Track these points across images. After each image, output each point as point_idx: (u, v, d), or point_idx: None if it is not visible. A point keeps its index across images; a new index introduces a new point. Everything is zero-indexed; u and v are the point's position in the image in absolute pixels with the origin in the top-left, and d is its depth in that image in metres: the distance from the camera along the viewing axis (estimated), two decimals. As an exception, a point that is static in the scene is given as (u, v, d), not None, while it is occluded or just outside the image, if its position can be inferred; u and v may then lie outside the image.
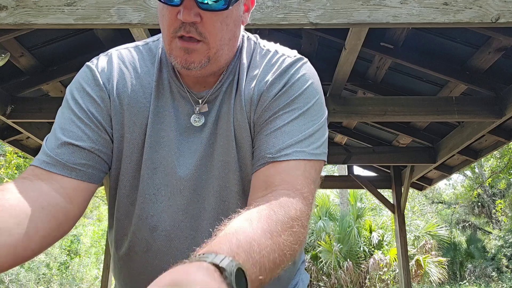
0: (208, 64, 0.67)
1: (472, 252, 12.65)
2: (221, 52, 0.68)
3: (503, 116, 2.79)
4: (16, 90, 2.92)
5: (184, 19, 0.62)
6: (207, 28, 0.64)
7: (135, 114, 0.71)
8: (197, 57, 0.66)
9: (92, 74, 0.73)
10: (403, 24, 1.67)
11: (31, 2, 1.69)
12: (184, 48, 0.65)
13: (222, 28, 0.65)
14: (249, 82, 0.71)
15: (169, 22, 0.65)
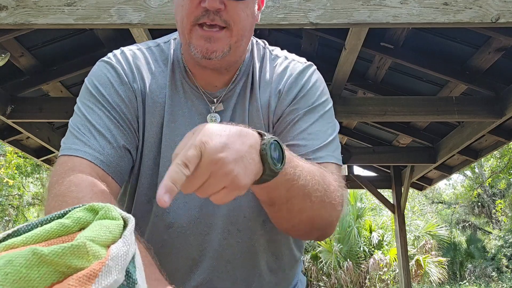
0: (229, 53, 0.67)
1: (472, 252, 12.66)
2: (241, 42, 0.68)
3: (503, 116, 2.79)
4: (16, 90, 2.92)
5: (209, 6, 0.62)
6: (231, 16, 0.64)
7: (152, 114, 0.71)
8: (220, 46, 0.65)
9: (116, 72, 0.71)
10: (403, 24, 1.67)
11: (31, 2, 1.69)
12: (206, 36, 0.64)
13: (244, 17, 0.66)
14: (264, 87, 0.73)
15: (190, 10, 0.64)
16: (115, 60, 0.72)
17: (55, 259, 0.28)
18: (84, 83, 0.72)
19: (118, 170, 0.66)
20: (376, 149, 4.35)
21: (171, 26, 1.68)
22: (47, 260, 0.28)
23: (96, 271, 0.28)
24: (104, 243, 0.31)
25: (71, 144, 0.64)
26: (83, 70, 2.96)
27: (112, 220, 0.33)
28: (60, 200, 0.55)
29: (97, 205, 0.35)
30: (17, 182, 8.95)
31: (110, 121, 0.67)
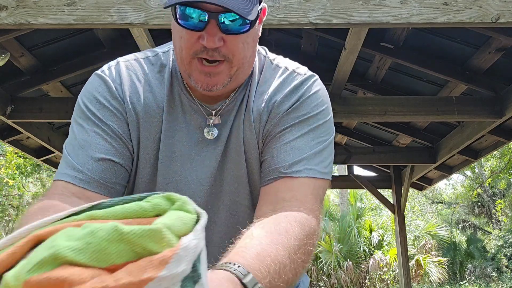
0: (230, 83, 0.67)
1: (472, 252, 12.65)
2: (242, 69, 0.68)
3: (503, 116, 2.79)
4: (16, 90, 2.92)
5: (208, 45, 0.62)
6: (230, 50, 0.64)
7: (148, 128, 0.70)
8: (220, 79, 0.65)
9: (107, 86, 0.71)
10: (403, 24, 1.67)
11: (31, 2, 1.69)
12: (206, 72, 0.65)
13: (244, 48, 0.66)
14: (258, 98, 0.72)
15: (189, 45, 0.64)
16: (109, 73, 0.72)
17: (134, 239, 0.29)
18: (77, 100, 0.72)
19: (102, 183, 0.66)
20: (376, 149, 4.35)
21: (170, 26, 1.68)
22: (126, 239, 0.29)
23: (167, 257, 0.29)
24: (177, 233, 0.32)
25: (58, 169, 0.68)
26: (83, 70, 2.96)
27: (186, 212, 0.35)
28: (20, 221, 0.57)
29: (174, 195, 0.37)
30: (17, 182, 8.95)
31: (97, 135, 0.67)
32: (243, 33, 0.64)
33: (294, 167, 0.65)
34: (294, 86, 0.71)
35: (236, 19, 0.62)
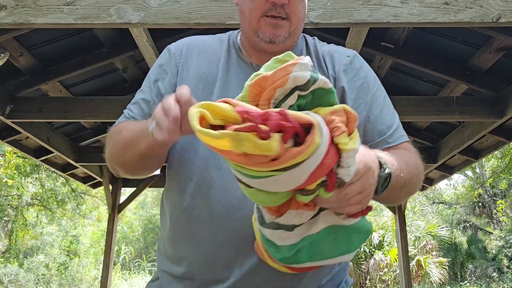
0: (288, 39, 0.83)
1: (473, 252, 12.64)
2: (298, 30, 0.85)
3: (504, 116, 2.78)
4: (15, 90, 2.91)
5: (278, 1, 0.78)
6: (292, 9, 0.81)
7: (203, 84, 0.84)
8: (282, 32, 0.81)
9: (169, 55, 0.89)
10: (403, 23, 1.66)
11: (31, 2, 1.68)
12: (274, 24, 0.80)
13: (300, 10, 0.83)
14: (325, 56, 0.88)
15: (259, 5, 0.80)
16: (175, 45, 0.91)
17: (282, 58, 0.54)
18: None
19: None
20: (377, 149, 4.34)
21: (170, 25, 1.67)
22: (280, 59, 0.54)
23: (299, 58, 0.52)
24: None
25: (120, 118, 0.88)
26: (82, 70, 2.95)
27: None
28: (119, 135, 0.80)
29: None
30: (16, 182, 8.94)
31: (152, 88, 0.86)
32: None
33: (395, 135, 0.82)
34: (353, 54, 0.89)
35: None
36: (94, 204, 12.27)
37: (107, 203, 4.89)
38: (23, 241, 12.89)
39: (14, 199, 10.07)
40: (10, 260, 12.11)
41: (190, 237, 0.77)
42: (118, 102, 3.05)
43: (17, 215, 10.75)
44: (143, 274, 12.77)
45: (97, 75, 3.29)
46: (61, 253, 13.26)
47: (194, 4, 1.66)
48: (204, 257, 0.75)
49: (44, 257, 12.78)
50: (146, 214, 16.69)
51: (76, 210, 11.36)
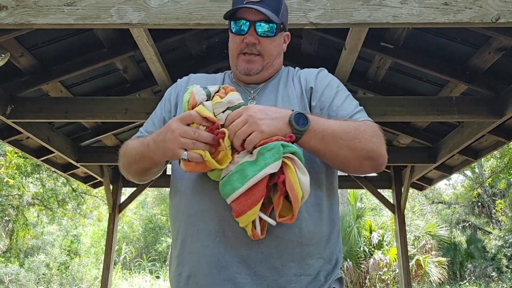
0: (262, 71, 1.03)
1: (472, 252, 12.64)
2: (271, 64, 1.04)
3: (503, 116, 2.79)
4: (16, 90, 2.91)
5: (248, 41, 0.99)
6: (263, 47, 1.01)
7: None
8: (255, 66, 1.01)
9: (175, 86, 1.14)
10: (403, 24, 1.67)
11: (31, 2, 1.69)
12: (247, 60, 1.01)
13: (272, 48, 1.02)
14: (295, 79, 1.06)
15: (237, 45, 1.01)
16: (180, 80, 1.16)
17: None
18: None
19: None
20: (376, 149, 4.34)
21: (170, 26, 1.68)
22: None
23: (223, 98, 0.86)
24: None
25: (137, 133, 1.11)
26: (83, 70, 2.96)
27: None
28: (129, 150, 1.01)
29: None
30: (17, 182, 8.94)
31: (160, 113, 1.10)
32: (270, 37, 1.00)
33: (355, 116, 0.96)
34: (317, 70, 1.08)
35: (266, 28, 0.99)
36: (95, 204, 12.28)
37: (108, 203, 4.89)
38: (23, 240, 12.89)
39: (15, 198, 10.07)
40: (11, 259, 12.12)
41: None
42: (119, 102, 3.05)
43: (18, 215, 10.75)
44: (143, 274, 12.78)
45: (98, 75, 3.29)
46: (62, 252, 13.26)
47: (194, 5, 1.66)
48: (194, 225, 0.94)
49: (45, 257, 12.78)
50: (146, 214, 16.69)
51: (76, 210, 11.36)
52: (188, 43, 3.37)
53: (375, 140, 0.88)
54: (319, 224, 0.90)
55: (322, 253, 0.90)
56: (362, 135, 0.86)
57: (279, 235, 0.85)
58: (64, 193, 9.98)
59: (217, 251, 0.86)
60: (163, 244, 15.19)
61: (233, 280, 0.84)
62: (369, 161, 0.88)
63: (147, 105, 3.06)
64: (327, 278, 0.90)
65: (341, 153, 0.86)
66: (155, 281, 12.29)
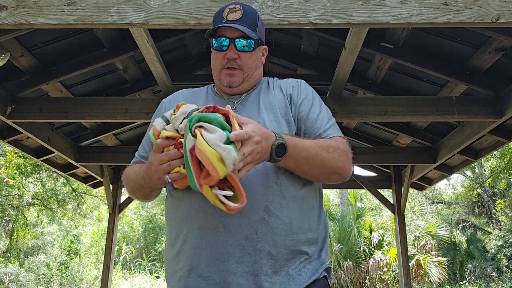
0: (243, 83, 1.12)
1: (472, 252, 12.64)
2: (251, 76, 1.13)
3: (503, 116, 2.79)
4: (16, 90, 2.91)
5: (229, 56, 1.09)
6: (243, 62, 1.10)
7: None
8: (236, 79, 1.11)
9: (161, 105, 1.23)
10: (403, 24, 1.67)
11: (31, 2, 1.69)
12: (229, 73, 1.10)
13: (251, 62, 1.12)
14: (276, 88, 1.17)
15: (220, 61, 1.11)
16: (166, 99, 1.23)
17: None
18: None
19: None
20: (376, 149, 4.35)
21: (170, 26, 1.68)
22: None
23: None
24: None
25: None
26: (83, 70, 2.96)
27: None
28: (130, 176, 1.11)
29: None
30: (17, 182, 8.94)
31: (149, 139, 1.15)
32: (249, 52, 1.10)
33: (327, 132, 1.08)
34: (295, 82, 1.18)
35: (245, 44, 1.08)
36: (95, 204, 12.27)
37: (108, 203, 4.89)
38: (23, 240, 12.89)
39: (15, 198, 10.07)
40: (11, 259, 12.12)
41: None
42: (119, 102, 3.05)
43: (18, 215, 10.75)
44: (143, 274, 12.77)
45: (98, 75, 3.29)
46: (62, 252, 13.26)
47: (194, 5, 1.66)
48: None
49: (45, 257, 12.78)
50: (146, 214, 16.69)
51: (76, 210, 11.36)
52: (188, 43, 3.37)
53: (342, 159, 1.02)
54: (307, 214, 1.01)
55: (311, 240, 1.00)
56: (332, 155, 0.99)
57: (274, 225, 0.95)
58: (64, 193, 9.98)
59: (218, 244, 0.92)
60: (163, 244, 15.19)
61: (234, 269, 0.91)
62: (336, 175, 1.03)
63: (147, 105, 3.06)
64: (318, 262, 1.01)
65: (312, 171, 0.99)
66: (155, 281, 12.29)
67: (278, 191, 0.97)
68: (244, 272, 0.91)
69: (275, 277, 0.92)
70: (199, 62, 3.60)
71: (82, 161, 4.16)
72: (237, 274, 0.90)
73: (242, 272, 0.91)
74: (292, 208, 0.98)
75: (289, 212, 0.97)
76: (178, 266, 0.97)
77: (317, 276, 0.98)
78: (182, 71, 3.55)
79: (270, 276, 0.91)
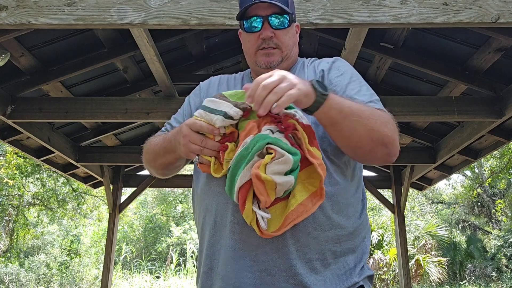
0: (282, 62, 1.04)
1: (471, 252, 12.65)
2: (289, 54, 1.06)
3: (503, 116, 2.79)
4: (16, 90, 2.92)
5: (265, 35, 1.01)
6: (280, 40, 1.03)
7: None
8: (275, 58, 1.03)
9: (199, 87, 1.16)
10: (403, 24, 1.67)
11: (31, 2, 1.69)
12: (266, 53, 1.02)
13: (287, 39, 1.04)
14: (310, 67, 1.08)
15: (254, 42, 1.03)
16: (203, 82, 1.17)
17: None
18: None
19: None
20: (376, 149, 4.34)
21: (170, 26, 1.68)
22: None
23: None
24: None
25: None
26: (83, 70, 2.96)
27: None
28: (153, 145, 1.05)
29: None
30: (17, 182, 8.95)
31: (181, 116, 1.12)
32: (285, 28, 1.02)
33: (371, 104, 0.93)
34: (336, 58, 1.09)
35: (279, 20, 1.01)
36: (95, 204, 12.27)
37: (108, 203, 4.90)
38: (24, 240, 12.90)
39: (15, 198, 10.07)
40: (11, 259, 12.12)
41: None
42: (119, 102, 3.05)
43: (18, 215, 10.75)
44: (143, 274, 12.78)
45: (98, 76, 3.29)
46: (62, 252, 13.27)
47: (194, 5, 1.67)
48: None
49: (45, 257, 12.78)
50: (146, 214, 16.69)
51: (77, 210, 11.37)
52: (188, 43, 3.37)
53: (390, 127, 0.86)
54: (334, 212, 0.89)
55: (341, 240, 0.89)
56: (378, 118, 0.85)
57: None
58: (64, 193, 9.98)
59: (233, 241, 0.88)
60: (163, 244, 15.20)
61: (250, 269, 0.85)
62: (382, 147, 0.85)
63: (147, 105, 3.06)
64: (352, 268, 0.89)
65: (357, 130, 0.83)
66: (155, 281, 12.29)
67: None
68: (260, 271, 0.85)
69: (294, 278, 0.84)
70: (199, 62, 3.60)
71: (82, 161, 4.17)
72: (253, 273, 0.85)
73: (258, 272, 0.85)
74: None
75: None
76: (201, 263, 0.95)
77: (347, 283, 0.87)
78: (182, 71, 3.55)
79: (288, 277, 0.85)
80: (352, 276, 0.88)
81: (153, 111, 3.02)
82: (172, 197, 17.17)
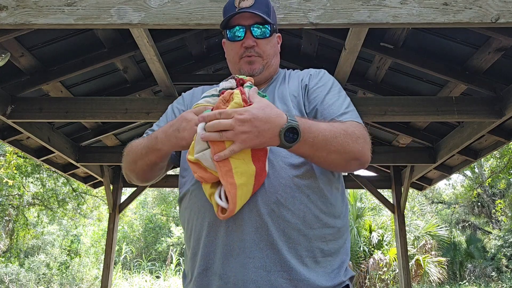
0: (263, 71, 1.09)
1: (472, 252, 12.65)
2: (270, 62, 1.11)
3: (503, 116, 2.79)
4: (16, 90, 2.92)
5: (247, 44, 1.07)
6: (260, 48, 1.08)
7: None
8: (257, 66, 1.08)
9: (182, 98, 1.20)
10: (403, 24, 1.67)
11: (31, 2, 1.69)
12: (248, 61, 1.08)
13: (268, 48, 1.10)
14: (292, 78, 1.13)
15: (237, 51, 1.09)
16: (186, 93, 1.21)
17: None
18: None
19: None
20: (376, 149, 4.34)
21: (170, 26, 1.68)
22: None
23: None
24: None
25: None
26: (83, 70, 2.96)
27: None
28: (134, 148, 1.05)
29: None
30: (17, 182, 8.94)
31: (166, 121, 1.12)
32: (266, 38, 1.08)
33: (343, 116, 0.99)
34: (319, 70, 1.14)
35: (261, 30, 1.06)
36: (95, 204, 12.27)
37: (108, 203, 4.90)
38: (24, 240, 12.90)
39: (15, 198, 10.07)
40: (11, 259, 12.12)
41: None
42: (119, 102, 3.06)
43: (18, 215, 10.75)
44: (143, 274, 12.78)
45: (98, 76, 3.29)
46: (62, 252, 13.27)
47: (194, 5, 1.67)
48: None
49: (45, 257, 12.78)
50: (146, 214, 16.69)
51: (77, 210, 11.37)
52: (188, 43, 3.37)
53: (361, 142, 0.92)
54: (321, 212, 0.94)
55: (327, 239, 0.94)
56: (349, 137, 0.90)
57: (286, 219, 0.90)
58: (64, 193, 9.98)
59: (229, 239, 0.89)
60: (163, 244, 15.20)
61: (245, 265, 0.87)
62: (355, 161, 0.93)
63: (147, 105, 3.06)
64: (338, 268, 0.93)
65: (330, 157, 0.90)
66: (155, 281, 12.29)
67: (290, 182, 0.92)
68: (256, 267, 0.87)
69: (288, 273, 0.87)
70: (199, 62, 3.60)
71: (82, 161, 4.17)
72: (249, 270, 0.87)
73: (254, 268, 0.87)
74: (306, 202, 0.92)
75: (303, 206, 0.92)
76: (194, 266, 0.95)
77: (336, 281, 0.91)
78: (182, 71, 3.55)
79: (283, 272, 0.87)
80: (339, 275, 0.93)
81: (153, 111, 3.02)
82: (172, 197, 17.18)
